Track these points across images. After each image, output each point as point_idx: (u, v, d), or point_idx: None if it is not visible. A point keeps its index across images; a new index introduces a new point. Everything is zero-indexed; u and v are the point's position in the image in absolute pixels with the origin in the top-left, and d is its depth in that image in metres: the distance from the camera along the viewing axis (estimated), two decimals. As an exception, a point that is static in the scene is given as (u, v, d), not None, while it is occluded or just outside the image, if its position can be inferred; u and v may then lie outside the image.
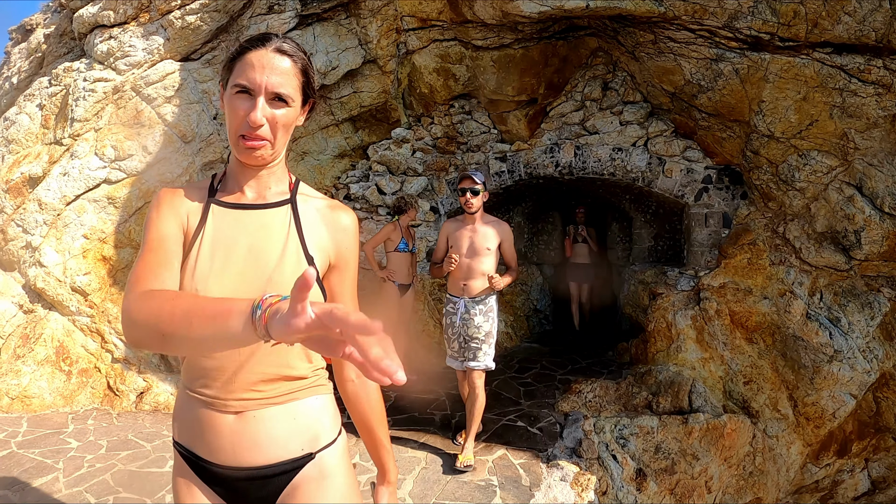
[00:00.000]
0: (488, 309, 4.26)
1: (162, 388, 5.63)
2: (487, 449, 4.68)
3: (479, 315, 4.22)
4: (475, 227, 4.24)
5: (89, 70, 5.88)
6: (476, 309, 4.24)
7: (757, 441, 5.36)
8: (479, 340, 4.22)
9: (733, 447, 5.31)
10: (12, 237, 5.71)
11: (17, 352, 5.46)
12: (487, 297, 4.28)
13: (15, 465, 4.21)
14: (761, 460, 5.35)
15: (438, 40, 6.37)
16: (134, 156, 5.68)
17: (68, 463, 4.28)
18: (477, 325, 4.21)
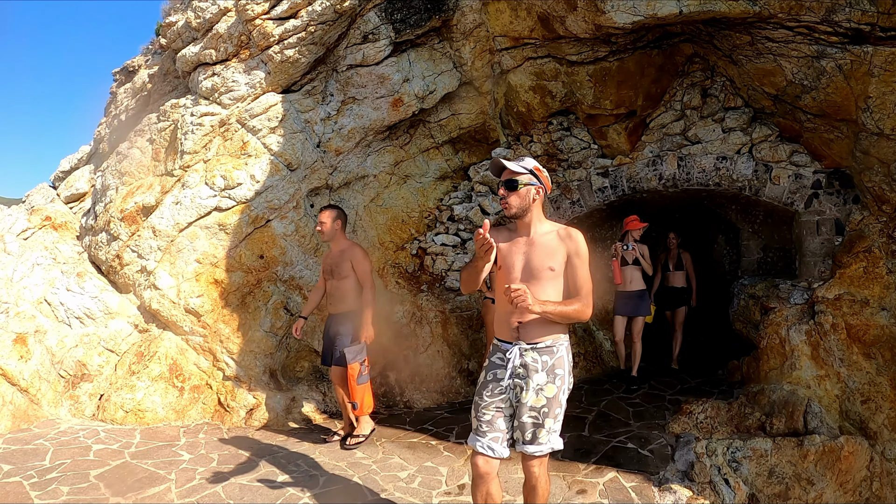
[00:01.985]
0: (556, 362, 2.89)
1: (272, 406, 5.75)
2: (598, 471, 4.55)
3: (541, 371, 2.86)
4: (531, 239, 2.95)
5: (195, 105, 6.22)
6: (537, 361, 2.87)
7: (875, 465, 4.96)
8: (537, 412, 2.84)
9: (850, 471, 4.93)
10: (128, 262, 6.03)
11: (132, 368, 5.75)
12: (555, 342, 2.91)
13: (129, 474, 4.37)
14: (879, 486, 4.94)
15: (532, 58, 6.40)
16: (243, 184, 5.92)
17: (180, 474, 4.41)
18: (537, 387, 2.84)
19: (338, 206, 5.21)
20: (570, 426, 5.20)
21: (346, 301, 4.98)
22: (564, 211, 6.74)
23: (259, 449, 4.96)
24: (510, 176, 2.91)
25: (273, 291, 6.06)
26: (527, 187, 2.90)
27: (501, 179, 2.95)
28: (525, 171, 2.90)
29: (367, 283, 4.90)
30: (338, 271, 4.96)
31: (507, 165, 2.90)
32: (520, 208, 2.89)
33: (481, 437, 2.91)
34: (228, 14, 6.22)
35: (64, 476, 4.29)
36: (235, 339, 5.85)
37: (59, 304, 6.14)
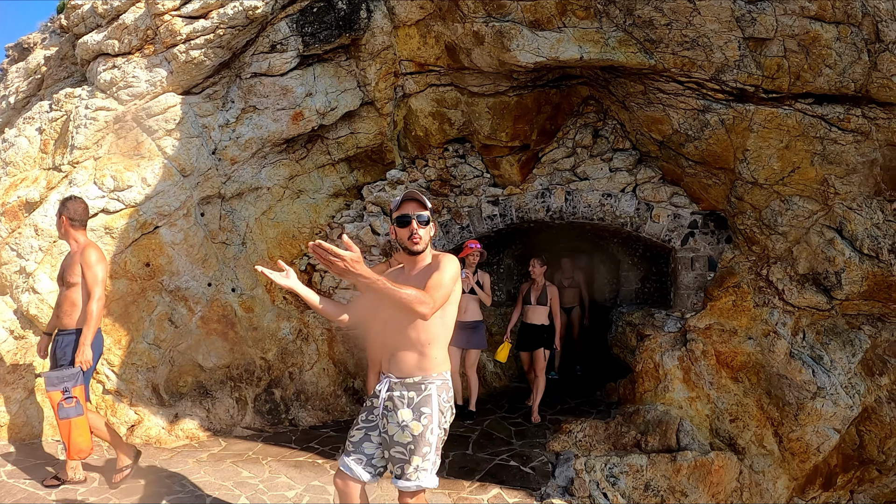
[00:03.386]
0: (423, 400, 2.82)
1: (154, 422, 5.53)
2: (482, 488, 4.73)
3: (407, 408, 2.81)
4: (413, 276, 2.89)
5: (91, 98, 5.91)
6: (404, 397, 2.83)
7: (744, 477, 5.48)
8: (403, 447, 2.81)
9: (721, 483, 5.43)
10: (6, 261, 5.61)
11: (5, 378, 5.33)
12: (424, 380, 2.84)
13: (6, 494, 4.17)
14: (748, 495, 5.47)
15: (435, 85, 6.57)
16: (133, 187, 5.68)
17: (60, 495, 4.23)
18: (402, 423, 2.80)
19: (65, 199, 4.45)
20: (454, 445, 5.38)
21: (73, 315, 4.25)
22: (454, 235, 6.95)
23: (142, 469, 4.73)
24: (419, 210, 2.83)
25: (158, 302, 5.81)
26: (432, 222, 2.90)
27: (411, 213, 2.81)
28: (429, 206, 2.89)
29: (94, 291, 4.17)
30: (66, 277, 4.28)
31: (419, 200, 2.84)
32: (426, 242, 2.86)
33: (345, 456, 2.97)
34: (137, 5, 5.99)
35: None
36: (117, 351, 5.56)
37: (-80, 304, 5.62)
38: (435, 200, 6.86)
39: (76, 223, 4.31)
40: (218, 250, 6.15)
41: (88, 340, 4.09)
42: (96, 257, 4.23)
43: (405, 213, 2.82)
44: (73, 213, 4.28)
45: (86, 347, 4.08)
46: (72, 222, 4.29)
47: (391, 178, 6.97)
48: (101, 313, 4.18)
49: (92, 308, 4.11)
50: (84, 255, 4.20)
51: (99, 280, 4.17)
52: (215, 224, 6.12)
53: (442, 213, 6.91)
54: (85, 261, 4.18)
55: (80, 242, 4.31)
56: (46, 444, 5.12)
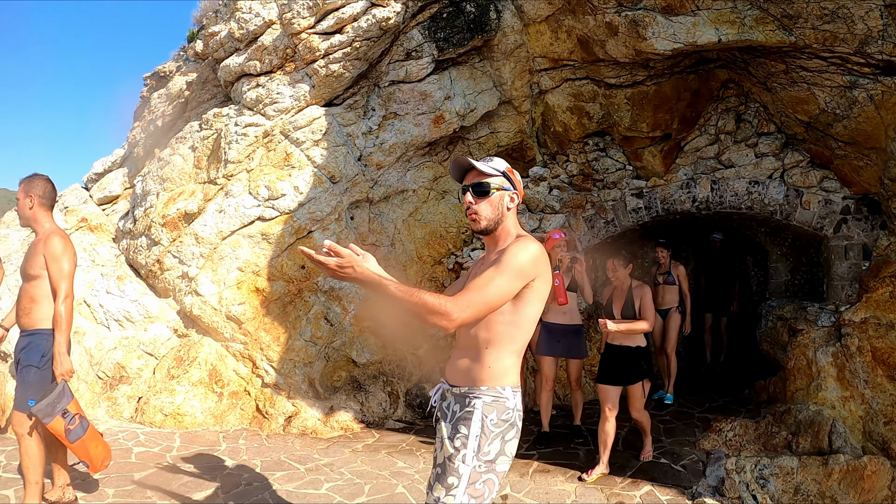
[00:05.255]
0: (463, 416, 2.18)
1: (310, 414, 5.84)
2: (634, 485, 4.70)
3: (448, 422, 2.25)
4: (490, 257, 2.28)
5: (239, 115, 6.33)
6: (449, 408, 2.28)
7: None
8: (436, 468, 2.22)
9: (872, 490, 5.07)
10: (169, 267, 6.13)
11: (171, 372, 5.85)
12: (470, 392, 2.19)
13: (172, 478, 4.43)
14: None
15: (571, 79, 6.53)
16: (286, 195, 6.03)
17: (225, 479, 4.46)
18: (440, 437, 2.27)
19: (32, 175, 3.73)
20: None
21: (32, 314, 3.53)
22: (598, 230, 6.85)
23: (301, 456, 5.03)
24: (478, 178, 2.26)
25: (314, 302, 6.15)
26: (500, 192, 2.26)
27: (466, 183, 2.28)
28: (497, 173, 2.27)
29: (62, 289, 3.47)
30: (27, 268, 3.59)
31: (474, 165, 2.26)
32: (491, 220, 2.25)
33: None
34: (273, 27, 6.33)
35: (107, 478, 4.33)
36: (275, 348, 5.94)
37: (98, 306, 6.22)
38: (578, 196, 6.79)
39: (45, 203, 3.65)
40: (368, 251, 6.39)
41: (64, 348, 3.45)
42: (62, 247, 3.52)
43: (465, 184, 2.29)
44: (42, 191, 3.62)
45: (63, 357, 3.44)
46: (41, 200, 3.61)
47: (533, 176, 6.96)
48: (71, 313, 3.49)
49: (60, 309, 3.44)
50: (48, 244, 3.50)
51: (65, 274, 3.47)
52: (365, 227, 6.40)
53: (586, 207, 6.84)
54: (48, 251, 3.48)
55: (45, 228, 3.60)
56: (207, 432, 5.51)
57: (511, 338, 2.17)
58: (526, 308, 2.16)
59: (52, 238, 3.52)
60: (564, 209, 6.83)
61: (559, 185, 6.87)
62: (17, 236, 6.89)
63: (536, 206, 6.83)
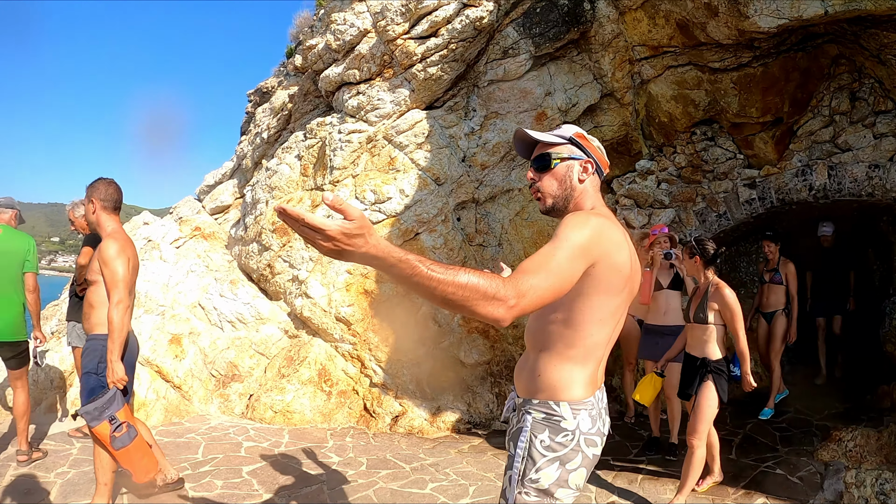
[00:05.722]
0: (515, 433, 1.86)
1: (417, 414, 5.91)
2: (748, 496, 4.47)
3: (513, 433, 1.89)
4: None
5: (342, 123, 6.53)
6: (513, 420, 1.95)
7: None
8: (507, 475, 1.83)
9: None
10: (279, 271, 6.39)
11: (281, 371, 6.07)
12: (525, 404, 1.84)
13: (280, 472, 4.56)
14: None
15: (673, 66, 6.31)
16: (392, 198, 6.17)
17: (331, 475, 4.55)
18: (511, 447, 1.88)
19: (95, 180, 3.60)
20: None
21: (91, 318, 3.50)
22: (710, 224, 6.54)
23: (406, 456, 5.09)
24: (540, 150, 1.89)
25: (422, 303, 6.24)
26: (567, 163, 1.85)
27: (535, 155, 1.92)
28: (562, 141, 1.87)
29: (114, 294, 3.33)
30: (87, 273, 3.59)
31: (531, 135, 1.88)
32: (558, 196, 1.85)
33: None
34: (368, 35, 6.50)
35: (217, 470, 4.52)
36: (384, 348, 6.06)
37: (212, 309, 6.56)
38: (687, 188, 6.54)
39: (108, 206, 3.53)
40: (476, 252, 6.46)
41: (116, 355, 3.32)
42: (116, 250, 3.36)
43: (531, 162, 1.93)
44: (104, 195, 3.52)
45: (115, 364, 3.32)
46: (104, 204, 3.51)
47: (640, 169, 6.78)
48: (124, 321, 3.33)
49: (111, 315, 3.30)
50: (101, 247, 3.38)
51: (119, 279, 3.31)
52: (471, 227, 6.45)
53: (696, 201, 6.59)
54: (101, 255, 3.36)
55: (107, 232, 3.48)
56: (315, 429, 5.66)
57: (566, 341, 1.74)
58: (583, 303, 1.69)
59: (105, 242, 3.39)
60: (674, 203, 6.59)
61: (667, 179, 6.63)
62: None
63: (645, 201, 6.63)
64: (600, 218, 1.71)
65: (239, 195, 7.84)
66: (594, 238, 1.62)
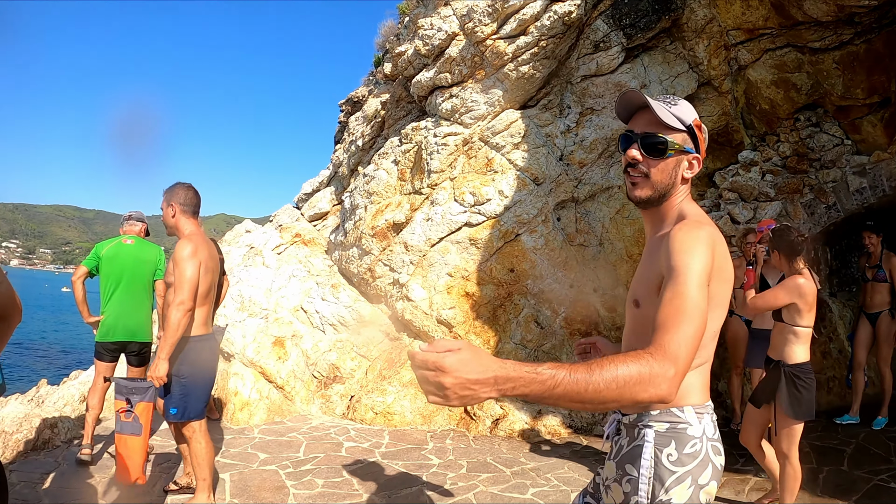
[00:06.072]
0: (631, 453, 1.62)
1: (518, 417, 5.84)
2: None
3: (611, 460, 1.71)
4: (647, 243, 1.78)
5: (437, 127, 6.56)
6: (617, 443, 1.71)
7: None
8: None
9: None
10: (380, 275, 6.50)
11: (382, 373, 6.15)
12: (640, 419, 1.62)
13: (380, 472, 4.58)
14: None
15: (771, 49, 5.96)
16: (491, 200, 6.15)
17: (431, 478, 4.53)
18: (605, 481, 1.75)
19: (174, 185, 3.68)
20: (827, 459, 4.83)
21: None
22: (819, 217, 6.11)
23: (506, 459, 5.02)
24: (653, 127, 1.61)
25: (524, 305, 6.18)
26: (679, 156, 1.63)
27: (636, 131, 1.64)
28: (681, 126, 1.62)
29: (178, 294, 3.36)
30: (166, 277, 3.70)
31: (650, 104, 1.60)
32: (660, 190, 1.63)
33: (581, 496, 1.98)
34: (457, 38, 6.51)
35: (318, 469, 4.58)
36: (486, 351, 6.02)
37: (314, 312, 6.76)
38: (793, 179, 6.14)
39: (187, 210, 3.61)
40: (577, 252, 6.35)
41: (166, 353, 3.32)
42: (189, 252, 3.40)
43: (629, 130, 1.67)
44: (183, 199, 3.61)
45: (161, 363, 3.32)
46: (183, 208, 3.60)
47: (743, 160, 6.45)
48: (182, 322, 3.30)
49: (171, 314, 3.31)
50: (177, 249, 3.44)
51: (186, 279, 3.34)
52: (572, 227, 6.35)
53: (803, 192, 6.19)
54: (174, 255, 3.42)
55: (184, 235, 3.57)
56: (415, 431, 5.68)
57: None
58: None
59: (181, 243, 3.45)
60: (780, 195, 6.20)
61: (772, 169, 6.25)
62: (238, 252, 7.72)
63: (749, 195, 6.28)
64: (707, 228, 1.54)
65: (336, 202, 8.05)
66: (711, 256, 1.48)
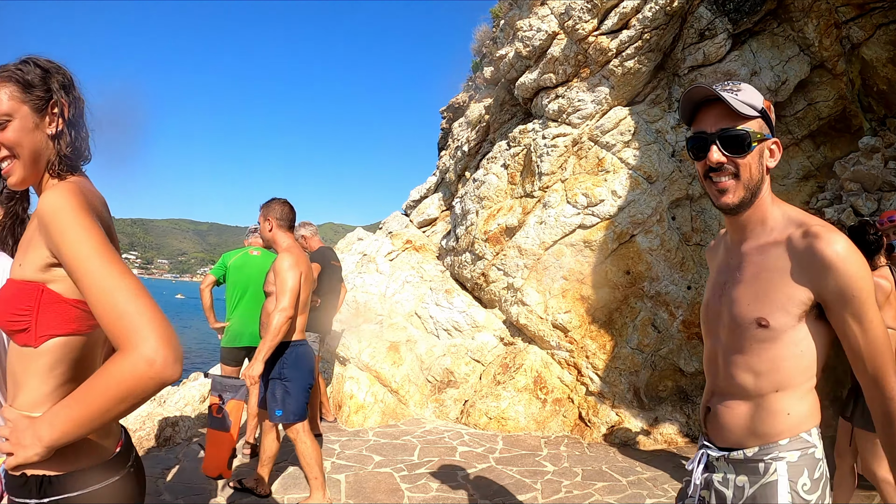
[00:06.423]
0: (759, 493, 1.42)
1: (633, 424, 5.69)
2: None
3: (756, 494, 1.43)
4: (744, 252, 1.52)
5: (545, 128, 6.50)
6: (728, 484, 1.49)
7: None
8: None
9: None
10: (493, 279, 6.53)
11: (496, 378, 6.15)
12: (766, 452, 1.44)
13: (495, 478, 4.53)
14: None
15: (884, 24, 5.46)
16: (604, 201, 6.03)
17: (546, 485, 4.45)
18: None
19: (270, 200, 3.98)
20: None
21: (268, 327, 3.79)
22: None
23: (622, 468, 4.88)
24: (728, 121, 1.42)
25: (640, 308, 6.02)
26: (761, 144, 1.43)
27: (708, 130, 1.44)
28: (754, 113, 1.42)
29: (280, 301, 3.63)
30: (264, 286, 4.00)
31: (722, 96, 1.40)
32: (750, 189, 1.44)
33: None
34: (558, 38, 6.42)
35: (432, 473, 4.61)
36: (601, 356, 5.92)
37: (428, 317, 6.90)
38: None
39: (283, 224, 3.90)
40: (693, 252, 6.13)
41: (263, 355, 3.55)
42: (290, 263, 3.71)
43: (699, 131, 1.46)
44: (279, 214, 3.89)
45: (257, 363, 3.54)
46: (279, 222, 3.88)
47: (864, 147, 5.91)
48: (283, 326, 3.58)
49: (273, 317, 3.60)
50: (277, 261, 3.76)
51: (287, 288, 3.64)
52: (687, 226, 6.12)
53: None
54: (275, 267, 3.74)
55: (282, 248, 3.86)
56: (529, 437, 5.63)
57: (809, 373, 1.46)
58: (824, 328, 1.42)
59: (281, 255, 3.75)
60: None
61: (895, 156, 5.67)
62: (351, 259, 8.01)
63: (873, 184, 5.73)
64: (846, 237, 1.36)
65: (444, 208, 8.18)
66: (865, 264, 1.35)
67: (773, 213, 1.47)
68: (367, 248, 8.03)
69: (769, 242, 1.44)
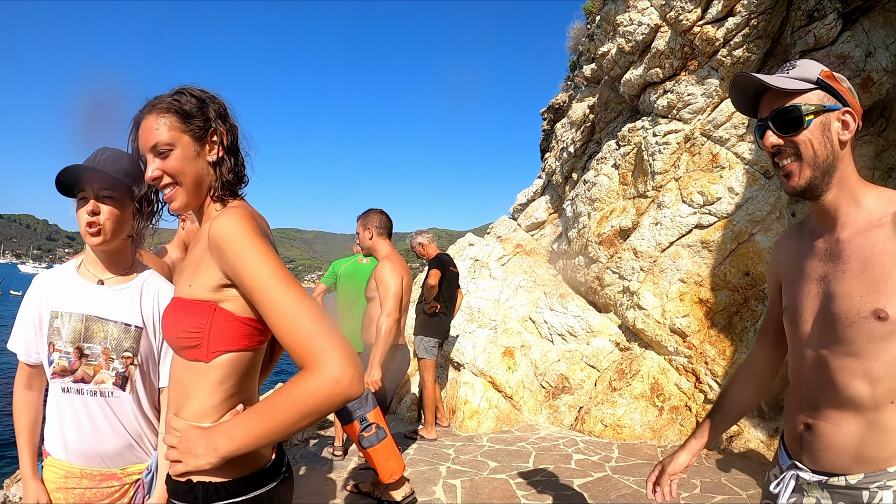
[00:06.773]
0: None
1: (753, 435, 5.38)
2: None
3: None
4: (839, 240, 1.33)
5: (655, 125, 6.32)
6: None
7: None
8: None
9: None
10: (608, 283, 6.43)
11: (612, 384, 6.03)
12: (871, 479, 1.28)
13: (611, 488, 4.40)
14: None
15: None
16: (721, 199, 5.78)
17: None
18: None
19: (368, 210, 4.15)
20: None
21: (369, 330, 4.00)
22: None
23: (742, 481, 4.59)
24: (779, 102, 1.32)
25: (761, 311, 5.69)
26: (822, 117, 1.29)
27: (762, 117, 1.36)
28: (806, 86, 1.31)
29: (385, 306, 3.79)
30: (366, 291, 4.12)
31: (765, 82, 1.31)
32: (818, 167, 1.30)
33: None
34: (661, 30, 6.21)
35: (548, 480, 4.53)
36: (721, 361, 5.67)
37: (542, 322, 6.91)
38: None
39: (383, 232, 4.06)
40: None
41: (378, 360, 3.72)
42: (390, 270, 3.87)
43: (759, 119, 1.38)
44: (378, 223, 4.05)
45: (375, 368, 3.71)
46: (379, 231, 4.04)
47: None
48: (391, 329, 3.75)
49: (380, 322, 3.76)
50: (378, 268, 3.93)
51: (390, 293, 3.81)
52: None
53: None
54: (377, 274, 3.90)
55: (381, 255, 4.03)
56: (644, 445, 5.46)
57: None
58: None
59: (381, 263, 3.92)
60: None
61: None
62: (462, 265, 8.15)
63: None
64: None
65: (552, 210, 8.14)
66: None
67: (865, 193, 1.32)
68: (479, 254, 8.15)
69: (873, 224, 1.28)
